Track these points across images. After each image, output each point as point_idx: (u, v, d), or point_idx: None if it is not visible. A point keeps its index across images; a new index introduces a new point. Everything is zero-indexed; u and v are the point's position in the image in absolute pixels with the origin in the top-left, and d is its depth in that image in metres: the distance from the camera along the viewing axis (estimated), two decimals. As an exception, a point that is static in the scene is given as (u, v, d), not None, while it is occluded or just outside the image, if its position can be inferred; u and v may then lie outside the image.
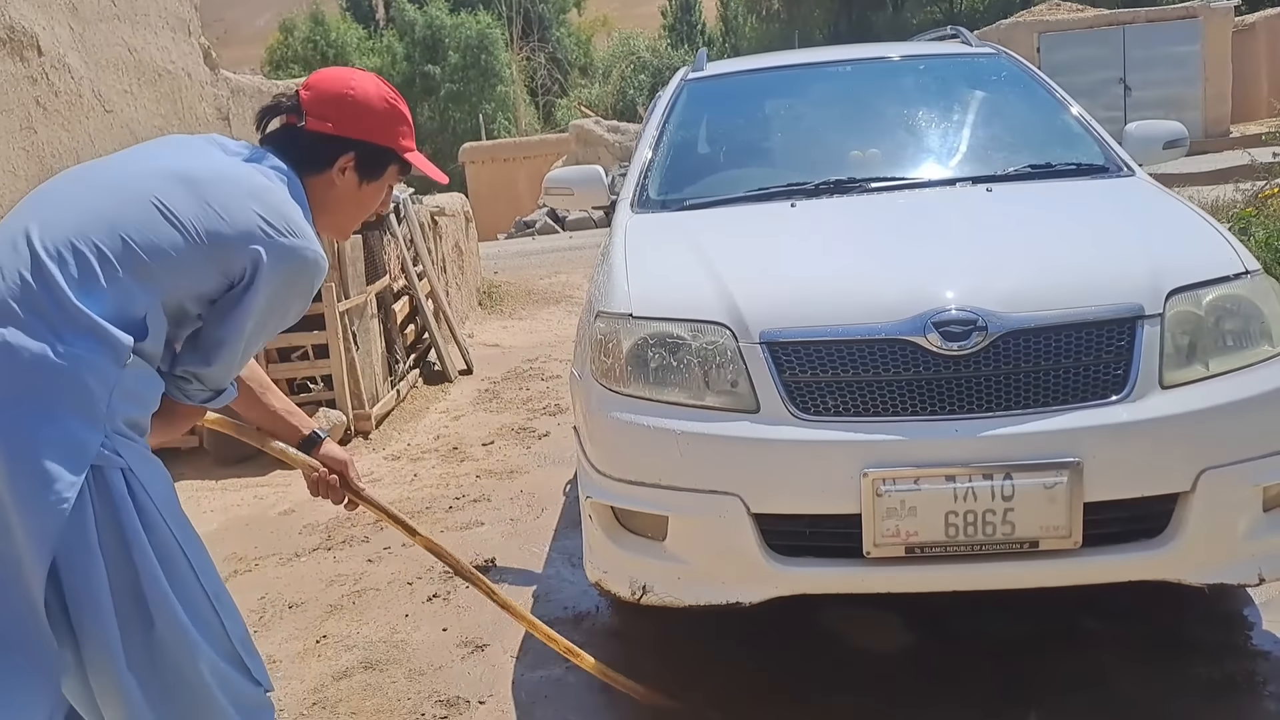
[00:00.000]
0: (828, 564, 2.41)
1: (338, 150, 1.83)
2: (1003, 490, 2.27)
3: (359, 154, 1.85)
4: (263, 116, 1.88)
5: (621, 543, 2.58)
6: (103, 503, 1.50)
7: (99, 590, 1.49)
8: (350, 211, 1.92)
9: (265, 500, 4.68)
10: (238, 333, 1.68)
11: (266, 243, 1.65)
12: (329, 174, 1.84)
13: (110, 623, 1.50)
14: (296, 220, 1.71)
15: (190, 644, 1.56)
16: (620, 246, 3.04)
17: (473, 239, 9.46)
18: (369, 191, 1.91)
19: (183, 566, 1.58)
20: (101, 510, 1.49)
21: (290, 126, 1.84)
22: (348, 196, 1.88)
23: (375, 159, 1.88)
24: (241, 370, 1.83)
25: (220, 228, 1.63)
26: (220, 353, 1.69)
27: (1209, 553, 2.35)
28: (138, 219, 1.59)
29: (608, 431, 2.61)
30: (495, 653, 2.99)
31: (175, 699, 1.56)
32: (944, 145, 3.55)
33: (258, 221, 1.65)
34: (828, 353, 2.40)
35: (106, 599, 1.49)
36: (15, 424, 1.45)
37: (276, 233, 1.66)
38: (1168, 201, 2.97)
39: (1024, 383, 2.34)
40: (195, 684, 1.57)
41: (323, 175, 1.84)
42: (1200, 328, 2.43)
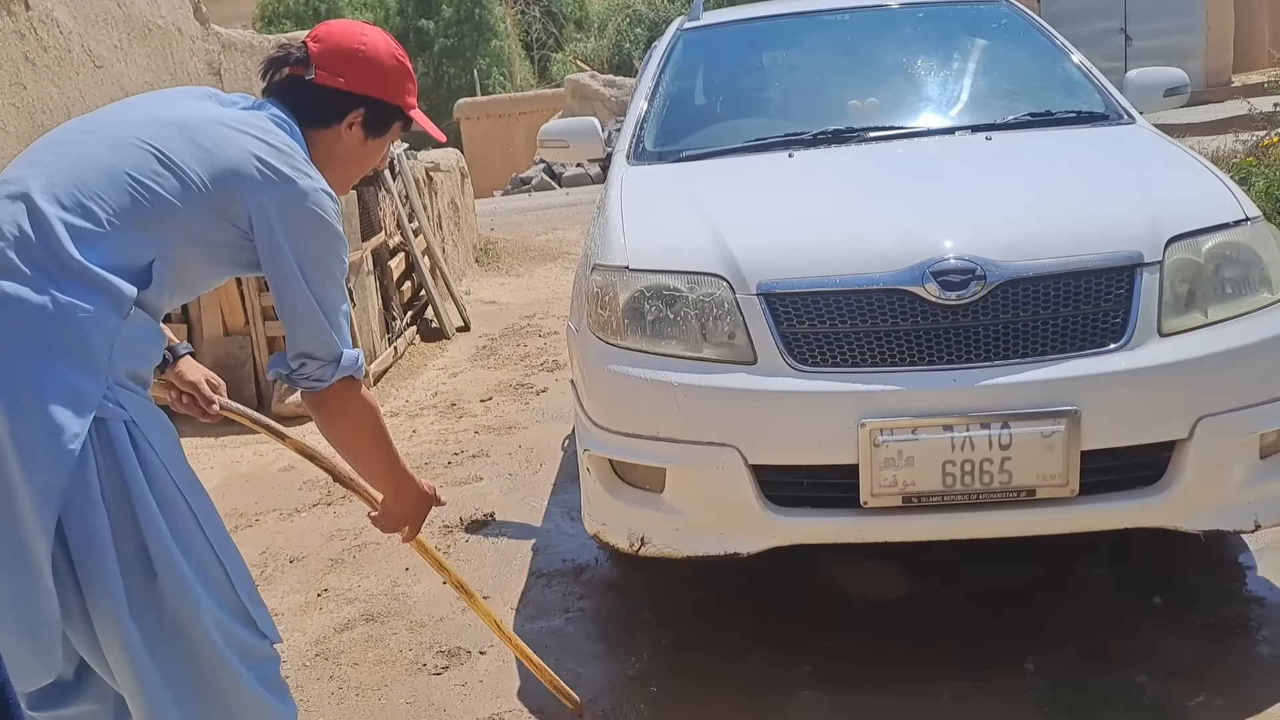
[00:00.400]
0: (825, 514, 2.42)
1: (347, 106, 1.81)
2: (1000, 439, 2.27)
3: (368, 111, 1.83)
4: (269, 67, 1.83)
5: (619, 495, 2.59)
6: (105, 454, 1.49)
7: (102, 542, 1.48)
8: (353, 167, 1.90)
9: (265, 457, 4.69)
10: (299, 288, 1.63)
11: (271, 189, 1.62)
12: (337, 129, 1.82)
13: (114, 574, 1.49)
14: (297, 159, 1.67)
15: (193, 595, 1.56)
16: (616, 199, 3.01)
17: (468, 195, 9.40)
18: (372, 147, 1.89)
19: (186, 518, 1.58)
20: (104, 462, 1.49)
21: (297, 79, 1.80)
22: (353, 152, 1.86)
23: (382, 116, 1.86)
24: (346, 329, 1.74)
25: (218, 171, 1.60)
26: (299, 316, 1.65)
27: (1205, 500, 2.36)
28: (136, 167, 1.57)
29: (605, 384, 2.60)
30: (495, 604, 3.01)
31: (178, 649, 1.56)
32: (943, 94, 3.51)
33: (256, 164, 1.62)
34: (825, 303, 2.39)
35: (110, 551, 1.49)
36: (17, 377, 1.44)
37: (278, 176, 1.63)
38: (1168, 149, 2.94)
39: (1022, 332, 2.33)
40: (198, 634, 1.58)
41: (330, 130, 1.81)
42: (1199, 275, 2.42)
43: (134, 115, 1.68)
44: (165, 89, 1.84)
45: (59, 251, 1.48)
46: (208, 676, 1.59)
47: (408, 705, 2.55)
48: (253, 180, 1.61)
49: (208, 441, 4.94)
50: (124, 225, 1.54)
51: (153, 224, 1.56)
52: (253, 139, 1.65)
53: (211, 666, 1.60)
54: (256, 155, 1.63)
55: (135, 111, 1.70)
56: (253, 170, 1.62)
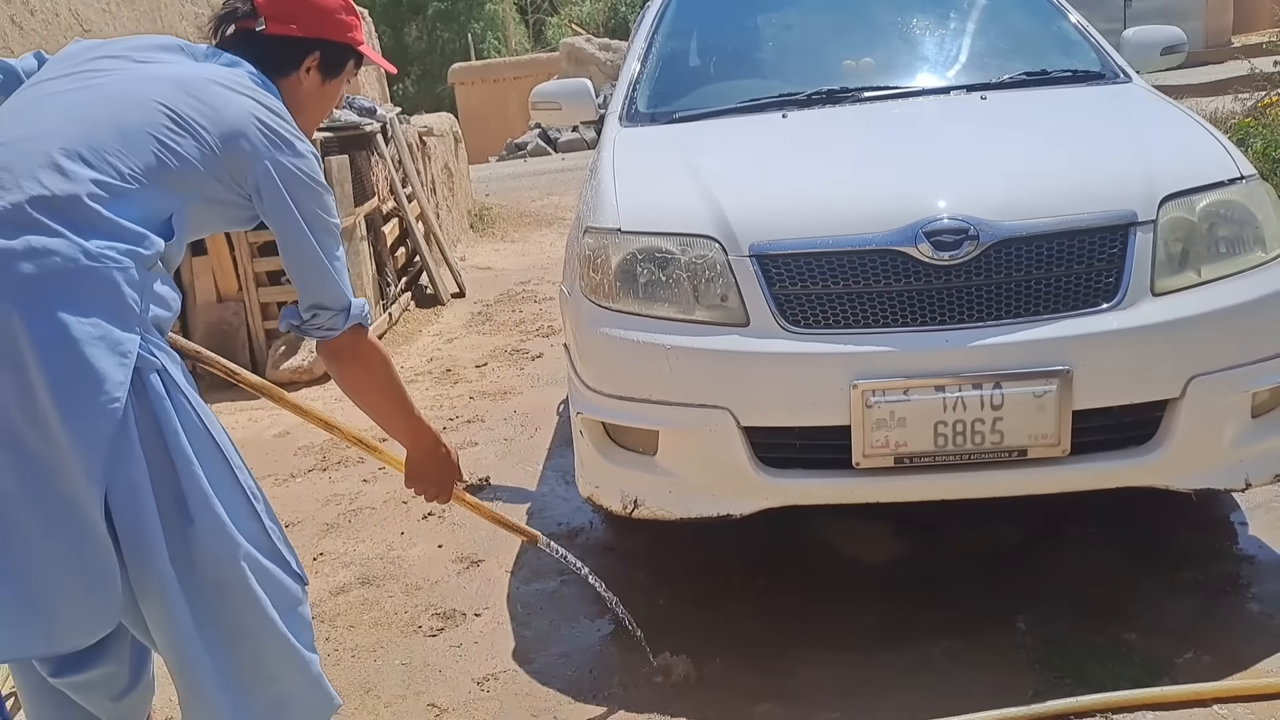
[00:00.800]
0: (817, 475, 2.42)
1: (302, 52, 1.84)
2: (992, 400, 2.27)
3: (322, 54, 1.86)
4: (218, 24, 1.85)
5: (613, 457, 2.59)
6: (140, 403, 1.50)
7: (142, 490, 1.49)
8: (316, 111, 1.93)
9: (260, 423, 4.69)
10: (308, 245, 1.70)
11: (274, 153, 1.66)
12: (295, 76, 1.85)
13: (153, 522, 1.51)
14: (290, 122, 1.72)
15: (230, 539, 1.57)
16: (609, 160, 2.99)
17: (463, 160, 9.34)
18: (330, 89, 1.93)
19: (219, 463, 1.60)
20: (140, 411, 1.50)
21: (248, 31, 1.81)
22: (313, 96, 1.89)
23: (336, 57, 1.90)
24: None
25: (225, 133, 1.63)
26: (309, 271, 1.72)
27: (1197, 459, 2.37)
28: (153, 126, 1.59)
29: (597, 347, 2.60)
30: (490, 567, 3.03)
31: (212, 594, 1.58)
32: (938, 53, 3.49)
33: (259, 129, 1.66)
34: (818, 264, 2.38)
35: (150, 498, 1.50)
36: (56, 331, 1.44)
37: (280, 140, 1.67)
38: (1164, 108, 2.92)
39: (1015, 292, 2.33)
40: (233, 579, 1.59)
41: (289, 78, 1.84)
42: (1193, 234, 2.41)
43: (135, 73, 1.68)
44: (135, 37, 1.83)
45: (87, 207, 1.49)
46: (240, 621, 1.61)
47: (403, 666, 2.56)
48: (257, 145, 1.65)
49: (203, 408, 4.94)
50: (148, 183, 1.56)
51: (173, 182, 1.59)
52: (250, 100, 1.68)
53: (245, 611, 1.61)
54: (258, 119, 1.66)
55: (133, 68, 1.70)
56: (257, 135, 1.65)
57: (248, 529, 1.61)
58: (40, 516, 1.45)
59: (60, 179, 1.49)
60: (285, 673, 1.67)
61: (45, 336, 1.43)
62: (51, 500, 1.45)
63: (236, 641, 1.61)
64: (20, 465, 1.44)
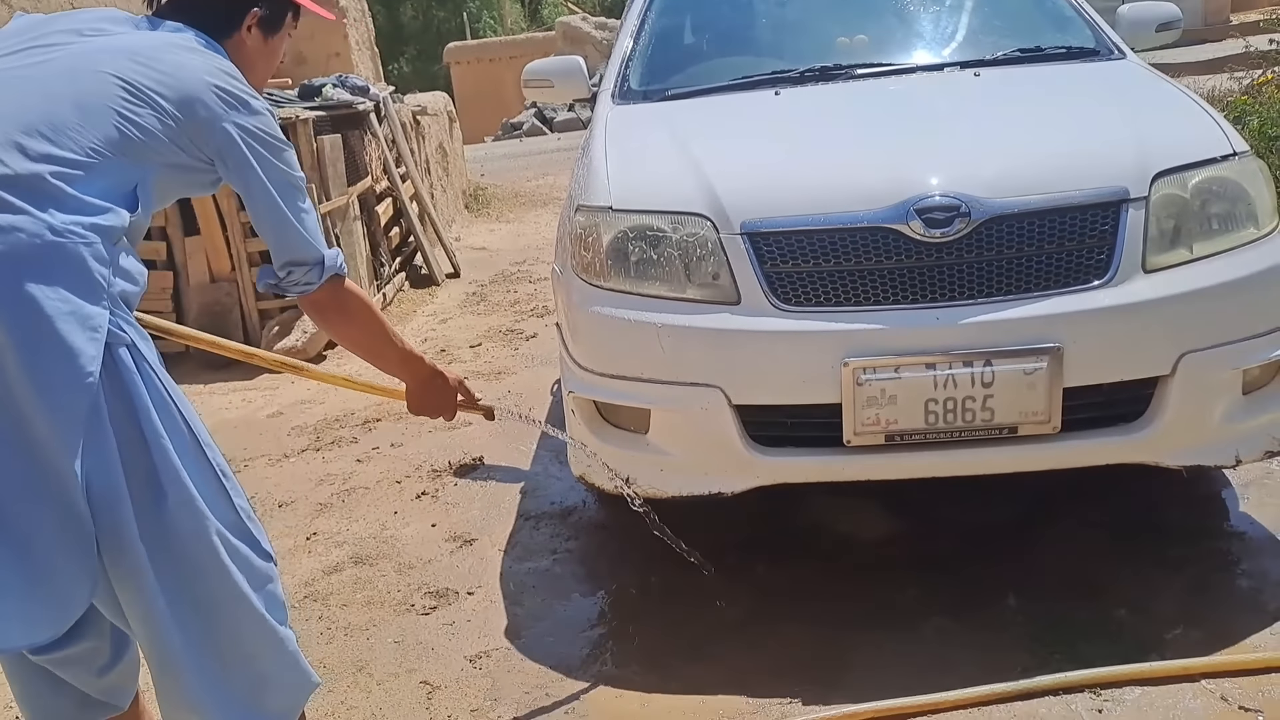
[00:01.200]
0: (808, 453, 2.43)
1: (242, 10, 1.82)
2: (983, 377, 2.27)
3: (262, 10, 1.83)
4: None
5: (604, 436, 2.59)
6: (111, 379, 1.49)
7: (113, 466, 1.49)
8: (262, 69, 1.91)
9: (253, 403, 4.69)
10: (273, 204, 1.70)
11: (233, 116, 1.65)
12: (238, 36, 1.82)
13: (124, 498, 1.50)
14: (244, 83, 1.71)
15: (201, 517, 1.57)
16: (600, 138, 2.98)
17: (457, 140, 9.31)
18: (273, 45, 1.91)
19: (189, 439, 1.59)
20: (110, 386, 1.49)
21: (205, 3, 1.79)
22: (257, 54, 1.86)
23: (276, 12, 1.87)
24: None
25: (183, 99, 1.61)
26: (279, 230, 1.72)
27: (1187, 435, 2.37)
28: (110, 98, 1.57)
29: (589, 326, 2.60)
30: (483, 546, 3.03)
31: (184, 570, 1.57)
32: (932, 30, 3.47)
33: (215, 92, 1.64)
34: (809, 242, 2.38)
35: (120, 474, 1.50)
36: (26, 307, 1.43)
37: (237, 102, 1.66)
38: (1158, 84, 2.91)
39: (1006, 269, 2.32)
40: (206, 555, 1.59)
41: (232, 39, 1.81)
42: (1186, 210, 2.40)
43: (82, 46, 1.65)
44: (79, 10, 1.82)
45: (50, 185, 1.48)
46: (214, 598, 1.60)
47: (396, 644, 2.57)
48: (215, 109, 1.63)
49: (195, 389, 4.94)
50: (111, 156, 1.55)
51: (135, 153, 1.58)
52: (203, 62, 1.67)
53: (218, 587, 1.61)
54: (214, 84, 1.64)
55: (80, 41, 1.67)
56: (214, 99, 1.63)
57: (217, 506, 1.60)
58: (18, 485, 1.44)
59: (21, 158, 1.47)
60: (262, 651, 1.67)
61: (15, 313, 1.42)
62: (28, 478, 1.44)
63: (211, 619, 1.61)
64: None
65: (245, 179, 1.68)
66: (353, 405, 4.48)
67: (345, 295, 1.84)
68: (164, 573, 1.55)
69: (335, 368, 5.12)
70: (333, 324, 1.90)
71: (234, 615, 1.62)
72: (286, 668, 1.71)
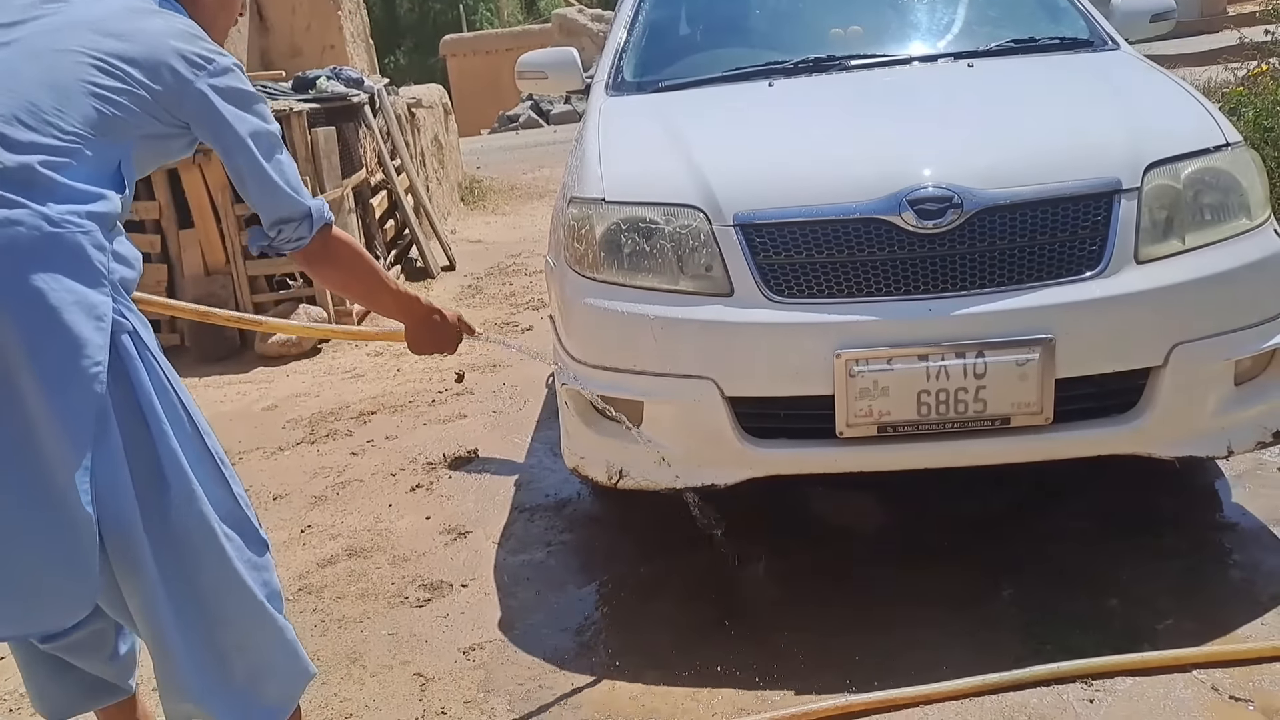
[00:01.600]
0: (801, 445, 2.43)
1: None
2: (975, 368, 2.27)
3: None
4: None
5: (598, 428, 2.59)
6: (114, 367, 1.48)
7: (118, 461, 1.48)
8: (224, 20, 1.89)
9: (248, 397, 4.69)
10: (255, 162, 1.69)
11: (203, 77, 1.63)
12: None
13: (129, 493, 1.50)
14: (207, 39, 1.69)
15: (202, 506, 1.57)
16: (594, 130, 2.98)
17: (453, 132, 9.29)
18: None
19: (190, 428, 1.59)
20: (114, 374, 1.48)
21: None
22: (218, 5, 1.84)
23: None
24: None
25: (151, 67, 1.59)
26: (263, 188, 1.71)
27: (1179, 427, 2.37)
28: (82, 77, 1.55)
29: (582, 318, 2.60)
30: (478, 539, 3.03)
31: (186, 561, 1.57)
32: (926, 21, 3.46)
33: (181, 55, 1.61)
34: (802, 234, 2.38)
35: (125, 469, 1.49)
36: (33, 300, 1.42)
37: (205, 60, 1.63)
38: (1151, 75, 2.91)
39: (998, 260, 2.32)
40: (208, 547, 1.58)
41: None
42: (1178, 201, 2.40)
43: (44, 22, 1.60)
44: None
45: (41, 175, 1.46)
46: (214, 587, 1.60)
47: (390, 636, 2.57)
48: (185, 73, 1.61)
49: (191, 382, 4.92)
50: (93, 136, 1.53)
51: (115, 130, 1.56)
52: (165, 24, 1.63)
53: (218, 577, 1.60)
54: (178, 46, 1.61)
55: (40, 17, 1.61)
56: (180, 62, 1.61)
57: (216, 495, 1.60)
58: (20, 486, 1.43)
59: (6, 150, 1.46)
60: (260, 639, 1.67)
61: (21, 307, 1.41)
62: (34, 469, 1.43)
63: (211, 609, 1.60)
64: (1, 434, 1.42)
65: (223, 139, 1.66)
66: (347, 398, 4.48)
67: (336, 243, 1.82)
68: (165, 563, 1.55)
69: (332, 361, 5.13)
70: (326, 274, 1.91)
71: (233, 604, 1.62)
72: (284, 656, 1.71)
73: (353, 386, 4.65)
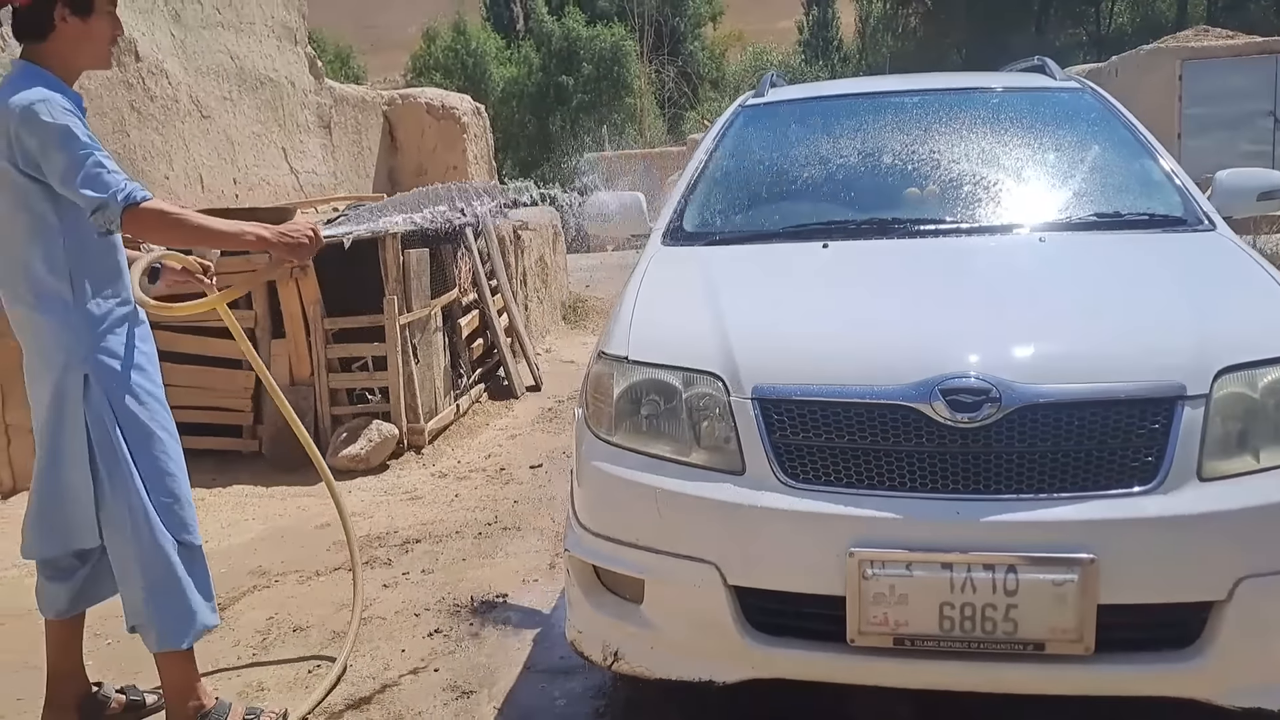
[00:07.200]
0: (809, 648, 2.20)
1: (49, 9, 2.41)
2: (1005, 584, 2.03)
3: (63, 1, 2.42)
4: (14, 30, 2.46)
5: (599, 603, 2.43)
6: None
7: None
8: (93, 46, 2.51)
9: (307, 511, 4.67)
10: (62, 164, 2.33)
11: (12, 122, 2.33)
12: (60, 28, 2.42)
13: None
14: (18, 96, 2.34)
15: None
16: (636, 282, 2.88)
17: (560, 253, 9.42)
18: (96, 24, 2.48)
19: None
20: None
21: (12, 12, 2.42)
22: (81, 35, 2.46)
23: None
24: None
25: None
26: (69, 179, 2.32)
27: (1246, 672, 2.06)
28: None
29: (592, 483, 2.46)
30: (479, 701, 2.86)
31: None
32: (1005, 187, 3.24)
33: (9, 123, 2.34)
34: (822, 414, 2.20)
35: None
36: None
37: (12, 111, 2.33)
38: (1244, 264, 2.63)
39: (1038, 464, 2.09)
40: None
41: (57, 32, 2.42)
42: (1255, 413, 2.13)
43: None
44: None
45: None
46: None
47: (358, 807, 2.41)
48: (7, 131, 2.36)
49: (258, 491, 4.98)
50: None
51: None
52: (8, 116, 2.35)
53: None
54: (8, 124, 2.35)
55: None
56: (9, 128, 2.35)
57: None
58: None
59: None
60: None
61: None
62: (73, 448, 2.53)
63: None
64: None
65: (34, 150, 2.36)
66: (399, 522, 4.42)
67: (140, 214, 2.36)
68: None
69: (396, 479, 5.10)
70: (150, 238, 2.61)
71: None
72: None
73: (407, 510, 4.59)
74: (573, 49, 33.41)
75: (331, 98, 8.20)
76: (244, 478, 5.14)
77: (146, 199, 2.37)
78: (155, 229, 2.44)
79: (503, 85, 32.57)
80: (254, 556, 4.06)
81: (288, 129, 7.62)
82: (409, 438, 5.40)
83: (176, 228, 2.45)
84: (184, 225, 2.46)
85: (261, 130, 7.26)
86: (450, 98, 9.30)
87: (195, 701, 2.60)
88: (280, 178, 7.42)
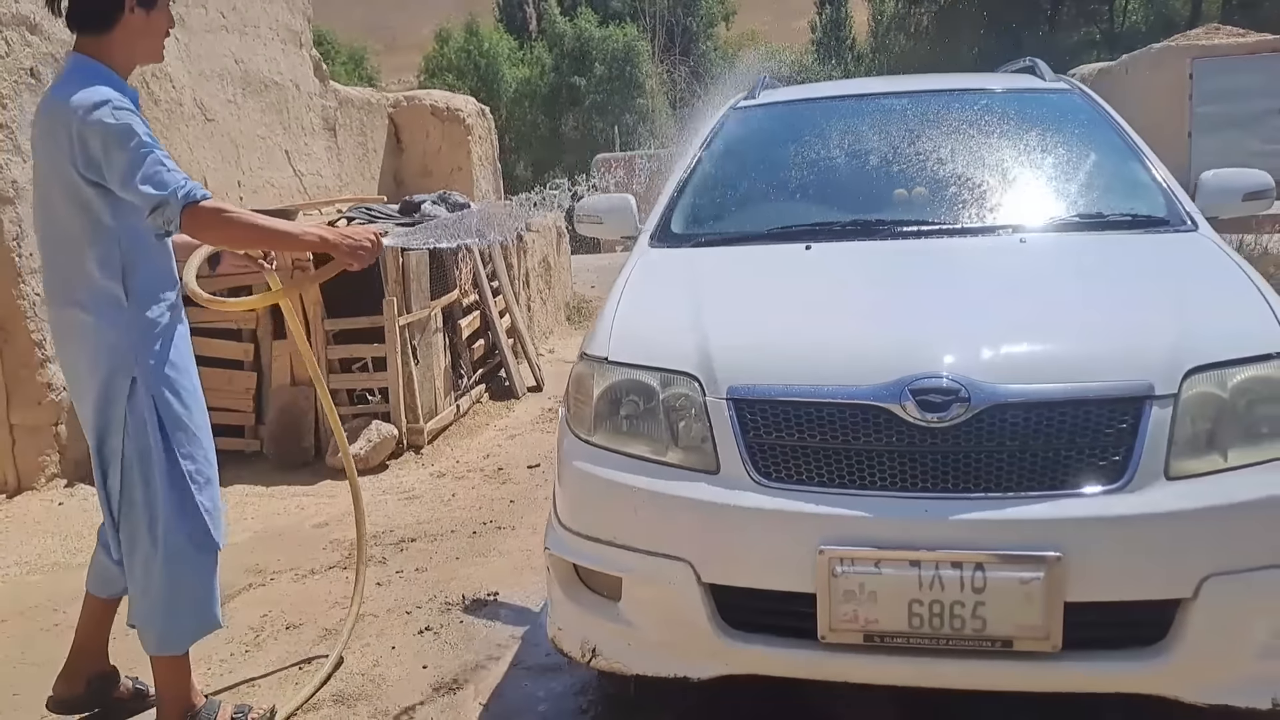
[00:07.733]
0: (781, 644, 2.23)
1: (120, 2, 2.41)
2: (973, 581, 2.05)
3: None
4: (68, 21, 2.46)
5: (579, 600, 2.46)
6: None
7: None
8: (151, 41, 2.52)
9: (305, 511, 4.72)
10: (123, 163, 2.31)
11: (75, 122, 2.32)
12: (125, 19, 2.42)
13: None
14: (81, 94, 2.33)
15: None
16: (621, 284, 2.91)
17: (564, 254, 9.46)
18: (157, 17, 2.50)
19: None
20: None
21: (80, 3, 2.41)
22: (144, 28, 2.47)
23: None
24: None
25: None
26: (129, 178, 2.31)
27: (1213, 669, 2.07)
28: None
29: (572, 483, 2.49)
30: (465, 697, 2.90)
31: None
32: (991, 189, 3.23)
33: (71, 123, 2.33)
34: (795, 414, 2.22)
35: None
36: None
37: (75, 111, 2.32)
38: (1223, 264, 2.64)
39: (1007, 463, 2.11)
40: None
41: (120, 24, 2.42)
42: (1224, 412, 2.15)
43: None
44: None
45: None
46: None
47: (341, 801, 2.45)
48: (72, 129, 2.36)
49: (258, 490, 5.03)
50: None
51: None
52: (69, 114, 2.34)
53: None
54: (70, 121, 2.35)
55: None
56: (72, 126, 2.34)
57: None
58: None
59: None
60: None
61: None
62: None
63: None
64: None
65: (95, 147, 2.37)
66: (395, 521, 4.46)
67: (199, 214, 2.37)
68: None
69: (394, 479, 5.15)
70: (209, 239, 2.62)
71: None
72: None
73: (404, 509, 4.64)
74: (585, 50, 33.46)
75: (336, 100, 8.26)
76: (245, 477, 5.20)
77: (206, 198, 2.37)
78: (214, 228, 2.42)
79: (515, 86, 32.67)
80: (251, 555, 4.11)
81: (292, 132, 7.68)
82: (408, 438, 5.45)
83: (236, 227, 2.45)
84: (243, 225, 2.46)
85: (266, 133, 7.32)
86: (455, 99, 9.35)
87: (185, 702, 2.63)
88: (285, 180, 7.48)
